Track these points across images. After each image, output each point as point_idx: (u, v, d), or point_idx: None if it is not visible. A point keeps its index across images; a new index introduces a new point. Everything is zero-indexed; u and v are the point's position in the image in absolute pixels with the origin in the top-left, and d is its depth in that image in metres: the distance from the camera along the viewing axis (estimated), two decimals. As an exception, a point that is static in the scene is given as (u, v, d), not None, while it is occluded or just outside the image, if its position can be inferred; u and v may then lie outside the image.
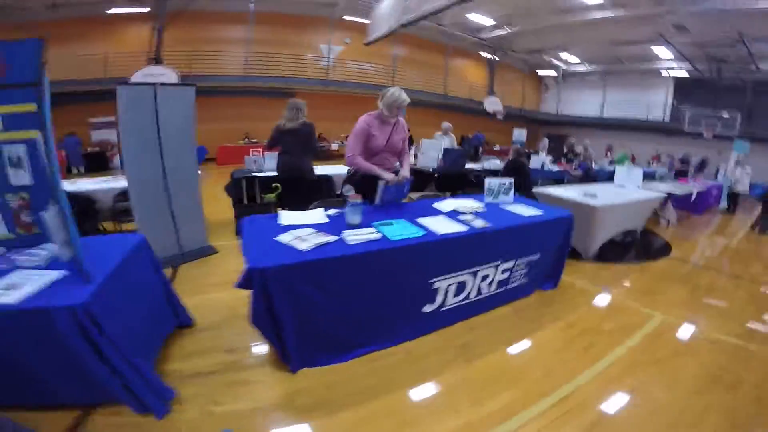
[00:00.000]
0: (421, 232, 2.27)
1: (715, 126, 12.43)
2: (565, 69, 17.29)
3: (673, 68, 14.11)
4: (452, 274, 2.42)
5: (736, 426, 1.81)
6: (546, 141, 13.53)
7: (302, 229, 2.24)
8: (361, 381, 2.00)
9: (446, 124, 7.19)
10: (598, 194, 4.16)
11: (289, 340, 1.95)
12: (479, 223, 2.52)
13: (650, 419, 1.84)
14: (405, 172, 2.92)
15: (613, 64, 15.41)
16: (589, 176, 6.00)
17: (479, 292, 2.66)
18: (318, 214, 2.56)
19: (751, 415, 1.90)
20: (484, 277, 2.62)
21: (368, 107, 2.90)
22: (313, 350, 2.06)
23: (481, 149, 12.53)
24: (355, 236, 2.15)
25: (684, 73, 13.95)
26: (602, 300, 3.20)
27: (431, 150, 5.87)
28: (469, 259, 2.46)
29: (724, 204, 8.59)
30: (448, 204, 2.95)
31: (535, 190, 4.34)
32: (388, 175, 2.74)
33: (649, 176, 8.54)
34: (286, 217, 2.50)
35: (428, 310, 2.44)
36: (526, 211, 2.95)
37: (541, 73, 18.21)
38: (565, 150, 9.08)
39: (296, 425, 1.72)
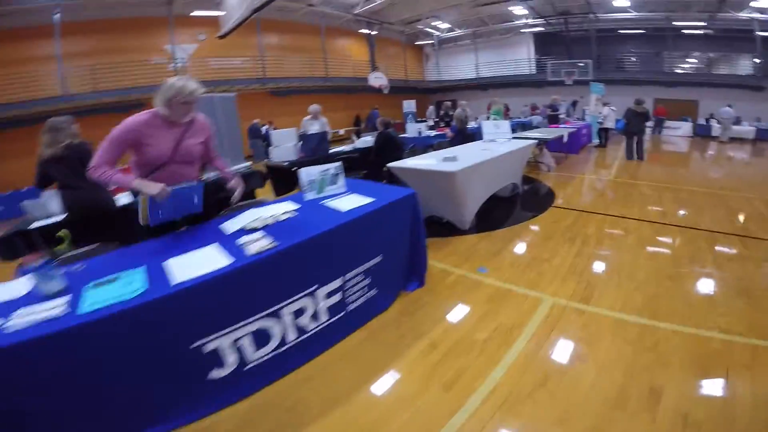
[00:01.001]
0: (140, 289, 1.39)
1: (572, 74, 13.84)
2: (440, 35, 17.44)
3: (530, 25, 15.28)
4: (229, 329, 1.60)
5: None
6: (431, 108, 13.56)
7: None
8: None
9: (313, 107, 6.20)
10: (460, 156, 3.60)
11: None
12: (259, 246, 1.68)
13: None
14: (234, 183, 2.17)
15: (479, 27, 16.17)
16: (465, 136, 5.60)
17: (302, 332, 1.88)
18: (22, 283, 1.55)
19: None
20: (299, 313, 1.84)
21: (246, 103, 1.89)
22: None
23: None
24: (18, 319, 1.22)
25: (540, 29, 15.25)
26: (479, 291, 2.59)
27: (285, 140, 4.94)
28: (248, 302, 1.64)
29: (595, 140, 9.30)
30: (241, 219, 2.08)
31: (389, 166, 3.63)
32: (153, 188, 1.77)
33: (527, 126, 8.72)
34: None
35: (221, 375, 1.61)
36: (350, 203, 2.20)
37: (419, 42, 18.19)
38: (441, 113, 8.95)
39: None
